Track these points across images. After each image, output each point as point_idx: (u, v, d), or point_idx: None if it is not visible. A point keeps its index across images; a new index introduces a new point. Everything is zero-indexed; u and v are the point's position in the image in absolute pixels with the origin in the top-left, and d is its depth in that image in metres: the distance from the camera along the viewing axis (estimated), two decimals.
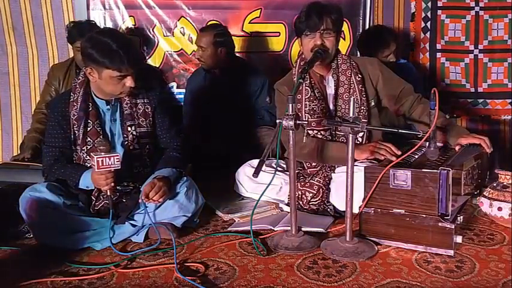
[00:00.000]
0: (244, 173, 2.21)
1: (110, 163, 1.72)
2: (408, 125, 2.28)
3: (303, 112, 2.08)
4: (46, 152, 1.94)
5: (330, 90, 2.12)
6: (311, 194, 2.04)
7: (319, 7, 2.04)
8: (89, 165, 1.88)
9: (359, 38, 3.01)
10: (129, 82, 1.82)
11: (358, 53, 2.97)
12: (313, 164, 2.11)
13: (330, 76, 2.11)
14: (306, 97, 2.07)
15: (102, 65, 1.78)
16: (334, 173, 2.07)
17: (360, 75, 2.10)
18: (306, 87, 2.07)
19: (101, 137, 1.89)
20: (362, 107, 2.08)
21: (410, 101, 2.13)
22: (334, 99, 2.11)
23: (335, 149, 2.02)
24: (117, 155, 1.74)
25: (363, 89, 2.09)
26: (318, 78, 2.13)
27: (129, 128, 1.93)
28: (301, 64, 2.16)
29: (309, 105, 2.07)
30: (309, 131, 2.07)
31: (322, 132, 2.08)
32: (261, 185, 1.96)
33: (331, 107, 2.12)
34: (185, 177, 1.94)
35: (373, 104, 2.12)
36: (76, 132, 1.90)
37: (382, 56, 2.73)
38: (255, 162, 2.14)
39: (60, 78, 2.78)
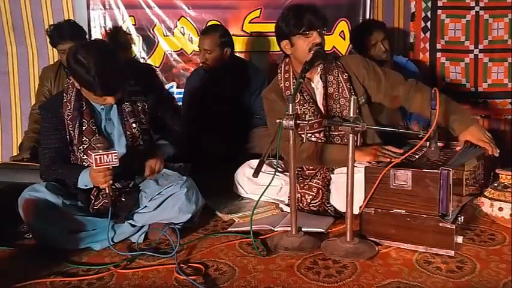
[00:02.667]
0: (244, 174, 2.20)
1: (108, 160, 1.72)
2: (407, 127, 2.27)
3: None
4: (42, 154, 1.94)
5: (319, 91, 2.09)
6: (310, 197, 2.03)
7: (310, 6, 2.01)
8: (86, 164, 1.87)
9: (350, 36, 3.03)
10: (108, 99, 1.82)
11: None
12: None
13: (317, 77, 2.08)
14: (296, 101, 2.03)
15: (80, 84, 1.80)
16: (333, 174, 2.07)
17: (346, 74, 2.07)
18: None
19: (97, 134, 1.89)
20: None
21: (403, 90, 2.06)
22: (324, 100, 2.08)
23: (335, 152, 2.00)
24: (115, 152, 1.74)
25: (351, 87, 2.06)
26: (306, 81, 2.07)
27: (133, 125, 1.93)
28: (286, 69, 2.11)
29: (300, 109, 2.04)
30: (303, 134, 2.02)
31: (316, 134, 2.06)
32: (261, 186, 1.95)
33: (322, 108, 2.09)
34: (185, 177, 1.94)
35: (363, 101, 2.08)
36: (71, 132, 1.89)
37: (371, 44, 2.68)
38: (254, 162, 2.13)
39: (51, 79, 2.82)
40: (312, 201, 2.03)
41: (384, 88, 2.08)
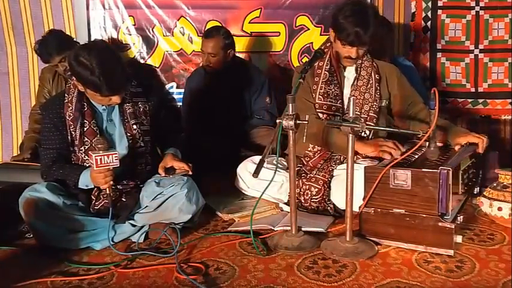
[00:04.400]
0: (246, 169, 2.21)
1: (108, 161, 1.72)
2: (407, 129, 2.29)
3: (317, 94, 2.14)
4: (43, 154, 1.94)
5: (348, 81, 2.18)
6: (316, 189, 2.04)
7: (365, 21, 2.01)
8: (87, 165, 1.88)
9: None
10: (114, 99, 1.83)
11: None
12: (315, 149, 2.11)
13: (352, 68, 2.17)
14: (323, 80, 2.14)
15: (85, 86, 1.80)
16: (336, 169, 2.07)
17: (378, 75, 2.17)
18: (325, 72, 2.15)
19: (98, 135, 1.89)
20: (374, 103, 2.13)
21: (418, 107, 2.18)
22: (353, 90, 2.15)
23: (339, 138, 2.02)
24: (116, 153, 1.74)
25: (379, 88, 2.16)
26: (341, 68, 2.18)
27: (134, 126, 1.94)
28: (325, 51, 2.17)
29: (324, 88, 2.13)
30: (319, 114, 2.12)
31: (331, 116, 2.13)
32: (262, 181, 1.96)
33: (346, 98, 2.16)
34: (186, 178, 1.94)
35: (383, 104, 2.17)
36: (73, 133, 1.90)
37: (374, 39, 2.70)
38: (257, 158, 2.13)
39: (50, 79, 2.84)
40: (315, 196, 2.04)
41: (405, 102, 2.19)
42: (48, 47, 2.65)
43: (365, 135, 2.11)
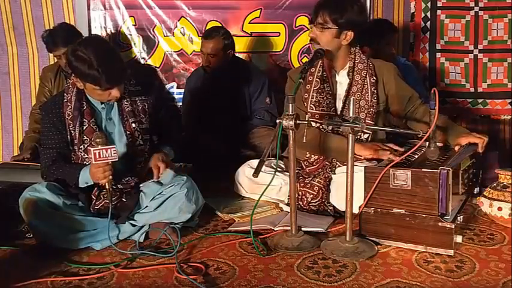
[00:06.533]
0: (244, 174, 2.21)
1: (107, 155, 1.73)
2: (407, 128, 2.28)
3: (309, 103, 2.07)
4: (43, 154, 1.94)
5: (342, 86, 2.11)
6: (311, 195, 2.03)
7: (326, 3, 2.01)
8: (87, 163, 1.88)
9: None
10: (114, 93, 1.83)
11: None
12: (312, 159, 2.10)
13: (344, 73, 2.10)
14: (315, 88, 2.06)
15: (84, 80, 1.81)
16: (335, 173, 2.07)
17: (374, 78, 2.08)
18: (317, 79, 2.07)
19: (98, 130, 1.89)
20: (371, 109, 2.05)
21: (415, 106, 2.14)
22: (345, 96, 2.09)
23: (337, 142, 2.00)
24: (114, 147, 1.75)
25: (375, 91, 2.07)
26: (332, 73, 2.11)
27: (133, 125, 1.94)
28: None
29: (316, 97, 2.06)
30: (312, 123, 2.05)
31: (324, 126, 2.07)
32: (261, 186, 1.96)
33: (339, 104, 2.11)
34: (185, 178, 1.94)
35: (381, 108, 2.11)
36: (72, 132, 1.90)
37: (384, 43, 2.73)
38: (254, 162, 2.14)
39: (51, 79, 2.85)
40: (312, 201, 2.04)
41: (402, 102, 2.13)
42: (56, 36, 2.68)
43: (363, 138, 2.10)
